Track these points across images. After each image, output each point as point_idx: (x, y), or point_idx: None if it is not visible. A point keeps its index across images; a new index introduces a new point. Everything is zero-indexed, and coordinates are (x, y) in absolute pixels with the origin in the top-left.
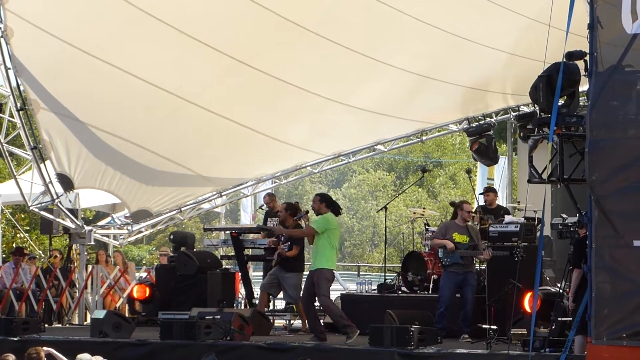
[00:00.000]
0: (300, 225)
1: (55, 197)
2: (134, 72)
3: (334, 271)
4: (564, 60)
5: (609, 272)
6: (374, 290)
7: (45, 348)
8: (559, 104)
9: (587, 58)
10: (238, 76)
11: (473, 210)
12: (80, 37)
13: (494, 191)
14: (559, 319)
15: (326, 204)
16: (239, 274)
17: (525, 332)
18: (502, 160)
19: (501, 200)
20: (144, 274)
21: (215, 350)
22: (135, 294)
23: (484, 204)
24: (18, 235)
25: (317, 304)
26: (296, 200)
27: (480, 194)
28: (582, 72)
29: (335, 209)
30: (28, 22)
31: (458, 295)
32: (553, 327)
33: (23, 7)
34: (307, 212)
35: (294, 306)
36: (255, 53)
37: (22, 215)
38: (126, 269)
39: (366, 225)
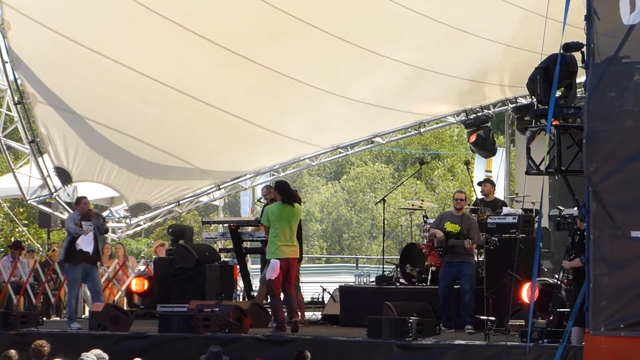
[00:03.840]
0: None
1: (53, 190)
2: (132, 66)
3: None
4: (561, 51)
5: (607, 264)
6: (372, 282)
7: None
8: (557, 95)
9: (584, 49)
10: (236, 69)
11: (464, 198)
12: (78, 30)
13: (491, 182)
14: (557, 309)
15: (278, 191)
16: (238, 266)
17: (523, 323)
18: (500, 152)
19: (499, 192)
20: (142, 267)
21: (213, 343)
22: (133, 287)
23: (481, 195)
24: (16, 229)
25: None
26: (296, 189)
27: (479, 184)
28: (579, 63)
29: (287, 197)
30: (25, 15)
31: (458, 286)
32: (551, 318)
33: (20, 1)
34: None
35: None
36: (253, 46)
37: (21, 209)
38: (125, 262)
39: (364, 218)
